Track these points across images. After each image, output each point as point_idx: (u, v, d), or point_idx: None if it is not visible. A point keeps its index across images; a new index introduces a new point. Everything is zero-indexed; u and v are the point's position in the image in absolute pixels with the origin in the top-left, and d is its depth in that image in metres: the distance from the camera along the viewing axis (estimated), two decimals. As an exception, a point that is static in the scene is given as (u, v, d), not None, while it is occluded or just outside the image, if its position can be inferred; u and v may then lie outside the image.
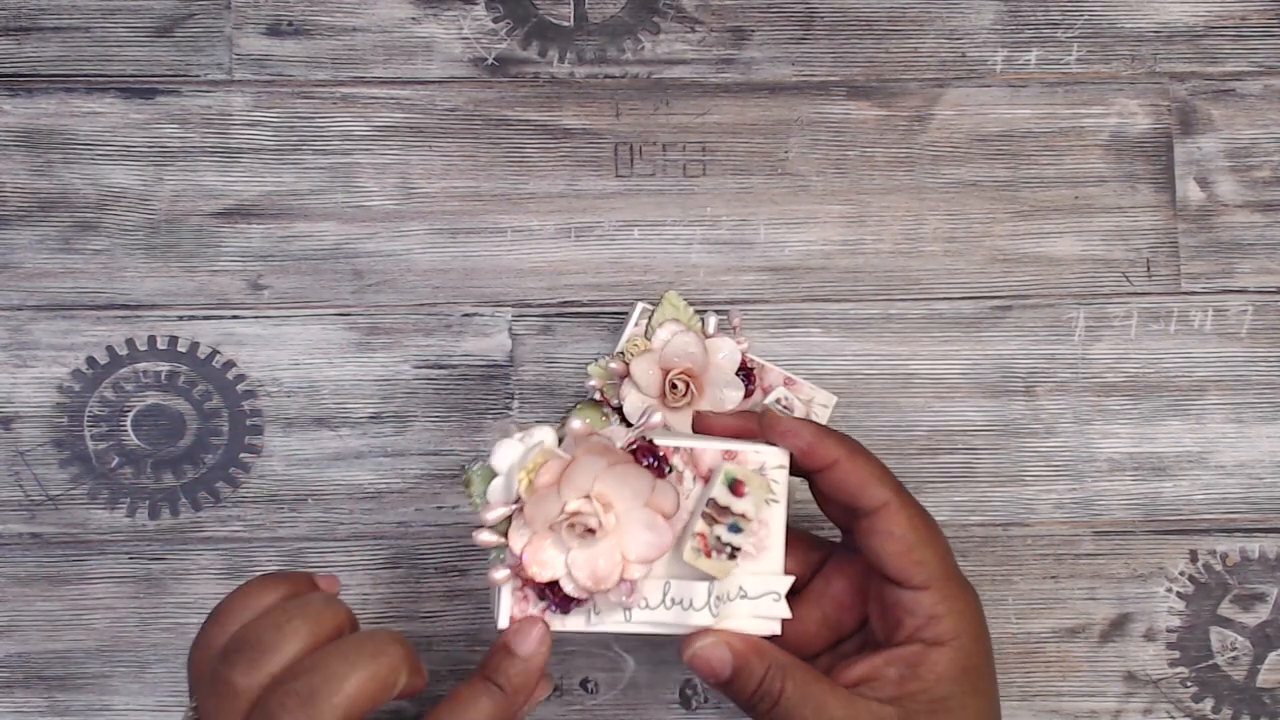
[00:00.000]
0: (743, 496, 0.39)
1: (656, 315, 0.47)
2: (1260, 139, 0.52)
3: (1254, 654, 0.51)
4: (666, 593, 0.39)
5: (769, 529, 0.40)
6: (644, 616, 0.39)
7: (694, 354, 0.46)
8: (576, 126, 0.51)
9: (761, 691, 0.39)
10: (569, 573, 0.38)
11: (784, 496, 0.40)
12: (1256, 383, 0.51)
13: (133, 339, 0.50)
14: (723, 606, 0.39)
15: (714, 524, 0.39)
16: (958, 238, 0.52)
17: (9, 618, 0.49)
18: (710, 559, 0.39)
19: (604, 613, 0.39)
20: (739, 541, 0.39)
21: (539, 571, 0.38)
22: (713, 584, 0.39)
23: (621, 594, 0.38)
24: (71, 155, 0.51)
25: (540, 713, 0.50)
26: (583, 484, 0.38)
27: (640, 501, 0.38)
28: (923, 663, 0.40)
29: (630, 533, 0.38)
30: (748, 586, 0.39)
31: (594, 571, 0.38)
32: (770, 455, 0.40)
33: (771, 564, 0.40)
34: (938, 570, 0.40)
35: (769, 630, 0.40)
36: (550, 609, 0.39)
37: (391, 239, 0.51)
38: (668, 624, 0.39)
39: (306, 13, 0.51)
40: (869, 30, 0.52)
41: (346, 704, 0.35)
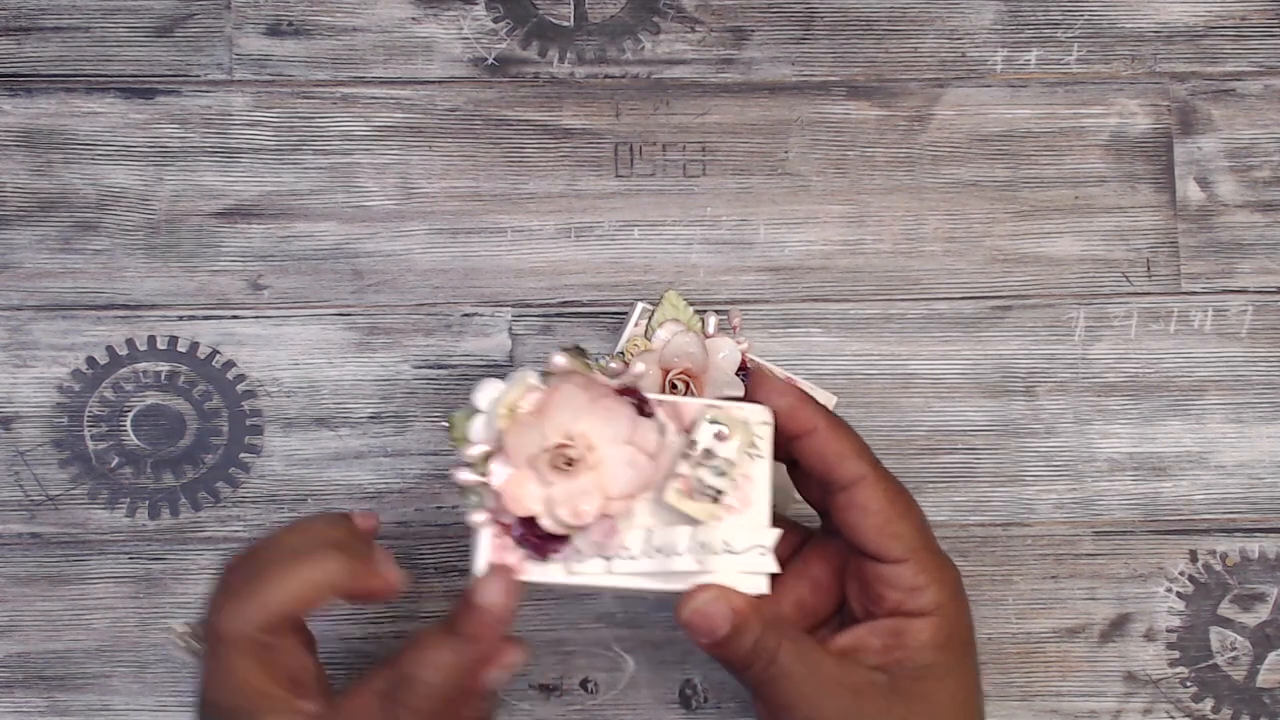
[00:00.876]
0: (725, 441, 0.39)
1: (656, 315, 0.47)
2: (1260, 139, 0.52)
3: (1254, 654, 0.51)
4: (648, 541, 0.39)
5: (754, 483, 0.40)
6: (625, 567, 0.39)
7: (694, 354, 0.46)
8: (576, 126, 0.51)
9: (757, 649, 0.39)
10: (548, 509, 0.38)
11: (769, 453, 0.40)
12: (1256, 383, 0.51)
13: (133, 339, 0.50)
14: (707, 557, 0.39)
15: (697, 467, 0.39)
16: (958, 238, 0.52)
17: (9, 618, 0.49)
18: (693, 501, 0.39)
19: (584, 562, 0.38)
20: (722, 485, 0.39)
21: (517, 504, 0.37)
22: (695, 529, 0.39)
23: (602, 533, 0.38)
24: (71, 155, 0.51)
25: (540, 712, 0.50)
26: (564, 418, 0.38)
27: (622, 439, 0.38)
28: (906, 632, 0.40)
29: (611, 469, 0.38)
30: (733, 541, 0.39)
31: (574, 506, 0.38)
32: (755, 412, 0.40)
33: (757, 518, 0.40)
34: (915, 543, 0.40)
35: (756, 586, 0.39)
36: (529, 556, 0.38)
37: (391, 239, 0.51)
38: (649, 573, 0.39)
39: (306, 13, 0.51)
40: (869, 30, 0.52)
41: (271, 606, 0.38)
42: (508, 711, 0.50)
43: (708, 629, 0.38)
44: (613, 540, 0.38)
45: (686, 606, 0.39)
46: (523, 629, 0.50)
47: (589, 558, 0.39)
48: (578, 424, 0.38)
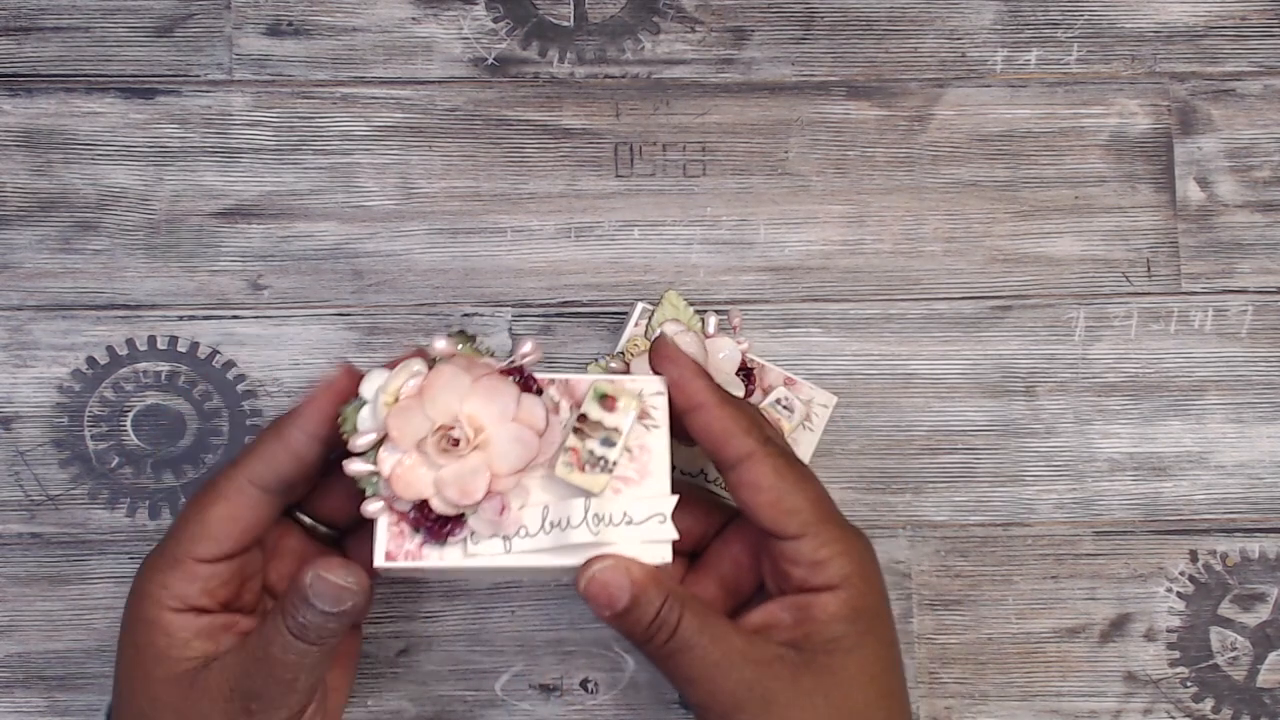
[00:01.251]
0: (614, 411, 0.39)
1: (657, 315, 0.47)
2: (1260, 139, 0.52)
3: (1254, 654, 0.51)
4: (545, 517, 0.39)
5: (651, 454, 0.40)
6: (524, 545, 0.39)
7: (694, 353, 0.46)
8: (576, 126, 0.51)
9: (659, 621, 0.39)
10: (438, 490, 0.38)
11: (664, 422, 0.40)
12: (1256, 383, 0.51)
13: (133, 339, 0.50)
14: (603, 528, 0.38)
15: (585, 438, 0.39)
16: (958, 238, 0.52)
17: (9, 618, 0.49)
18: (583, 472, 0.38)
19: (482, 543, 0.38)
20: (612, 455, 0.38)
21: (407, 488, 0.38)
22: (589, 500, 0.39)
23: (493, 509, 0.38)
24: (71, 155, 0.51)
25: (540, 712, 0.50)
26: (448, 400, 0.38)
27: (508, 417, 0.38)
28: (813, 605, 0.40)
29: (499, 447, 0.38)
30: (632, 511, 0.39)
31: (463, 485, 0.38)
32: (649, 383, 0.40)
33: (656, 488, 0.40)
34: (811, 516, 0.40)
35: (659, 555, 0.39)
36: (427, 541, 0.38)
37: (391, 239, 0.51)
38: (547, 548, 0.39)
39: (306, 13, 0.51)
40: (869, 30, 0.52)
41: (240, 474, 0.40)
42: (508, 711, 0.50)
43: (606, 599, 0.38)
44: (506, 518, 0.38)
45: (584, 576, 0.38)
46: (523, 629, 0.50)
47: (486, 538, 0.38)
48: (464, 405, 0.38)
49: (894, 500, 0.50)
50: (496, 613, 0.50)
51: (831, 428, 0.50)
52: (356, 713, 0.49)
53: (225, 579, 0.40)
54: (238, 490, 0.40)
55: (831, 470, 0.50)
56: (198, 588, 0.40)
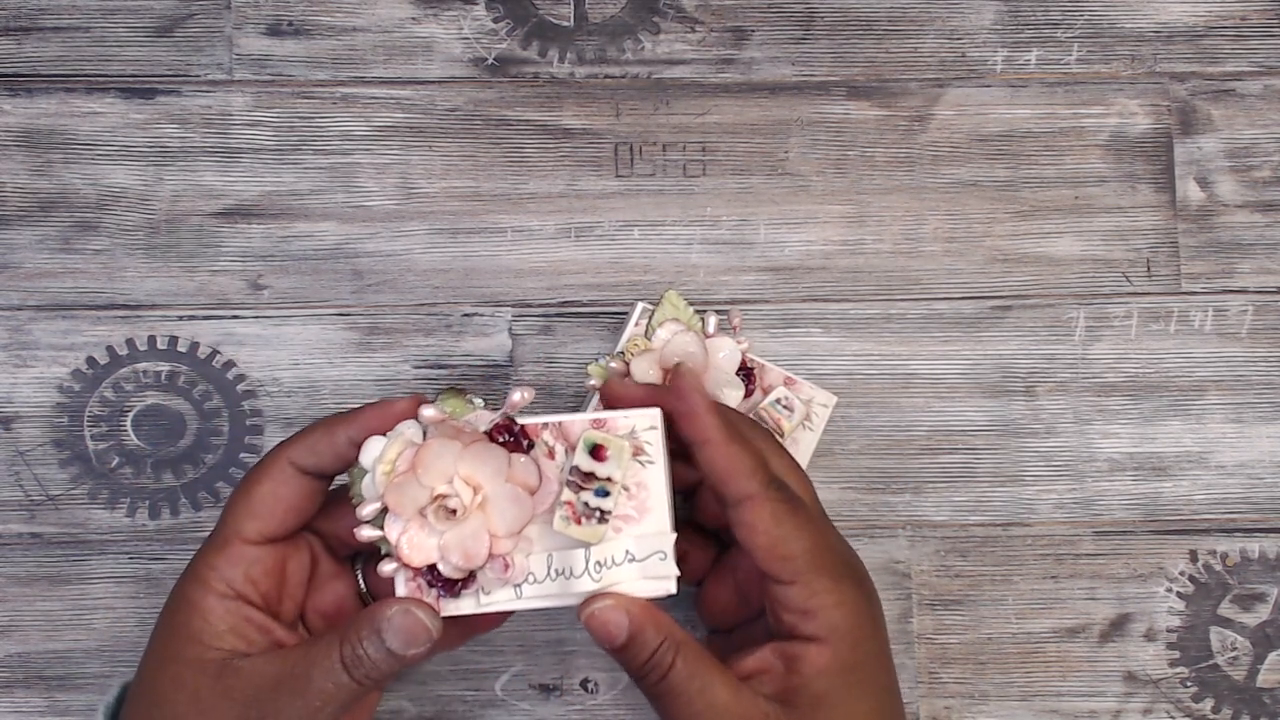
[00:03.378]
0: (605, 461, 0.39)
1: (657, 315, 0.47)
2: (1260, 139, 0.52)
3: (1254, 654, 0.51)
4: (550, 564, 0.39)
5: (649, 490, 0.40)
6: (533, 591, 0.39)
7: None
8: (576, 126, 0.51)
9: (653, 663, 0.39)
10: (443, 555, 0.39)
11: (660, 457, 0.40)
12: (1256, 383, 0.51)
13: (133, 339, 0.50)
14: (605, 571, 0.39)
15: (579, 491, 0.39)
16: (958, 238, 0.52)
17: (9, 618, 0.49)
18: (580, 525, 0.39)
19: (493, 592, 0.39)
20: (607, 505, 0.39)
21: (413, 556, 0.39)
22: (589, 550, 0.39)
23: (497, 569, 0.39)
24: (71, 155, 0.51)
25: (540, 712, 0.50)
26: (441, 467, 0.39)
27: (501, 478, 0.39)
28: (801, 658, 0.39)
29: (495, 508, 0.39)
30: (634, 549, 0.39)
31: (465, 550, 0.39)
32: (640, 419, 0.40)
33: (657, 524, 0.40)
34: (805, 564, 0.39)
35: (662, 589, 0.39)
36: (441, 595, 0.39)
37: (391, 239, 0.51)
38: (554, 595, 0.39)
39: (306, 13, 0.51)
40: (869, 30, 0.52)
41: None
42: (508, 711, 0.50)
43: (605, 635, 0.39)
44: (511, 573, 0.39)
45: (585, 610, 0.39)
46: (523, 629, 0.50)
47: (498, 589, 0.40)
48: (459, 470, 0.39)
49: (894, 500, 0.50)
50: (496, 613, 0.50)
51: (831, 428, 0.50)
52: (356, 713, 0.49)
53: (268, 567, 0.41)
54: (280, 469, 0.41)
55: (831, 470, 0.50)
56: (241, 571, 0.40)
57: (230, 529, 0.40)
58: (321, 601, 0.43)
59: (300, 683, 0.38)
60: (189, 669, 0.39)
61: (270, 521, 0.40)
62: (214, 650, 0.39)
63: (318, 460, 0.40)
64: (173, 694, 0.39)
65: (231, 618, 0.40)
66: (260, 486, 0.40)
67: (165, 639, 0.40)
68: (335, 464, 0.40)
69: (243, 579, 0.40)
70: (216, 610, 0.40)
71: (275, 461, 0.41)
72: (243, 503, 0.41)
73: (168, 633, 0.40)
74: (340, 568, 0.44)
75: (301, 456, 0.40)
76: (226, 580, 0.40)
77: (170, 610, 0.41)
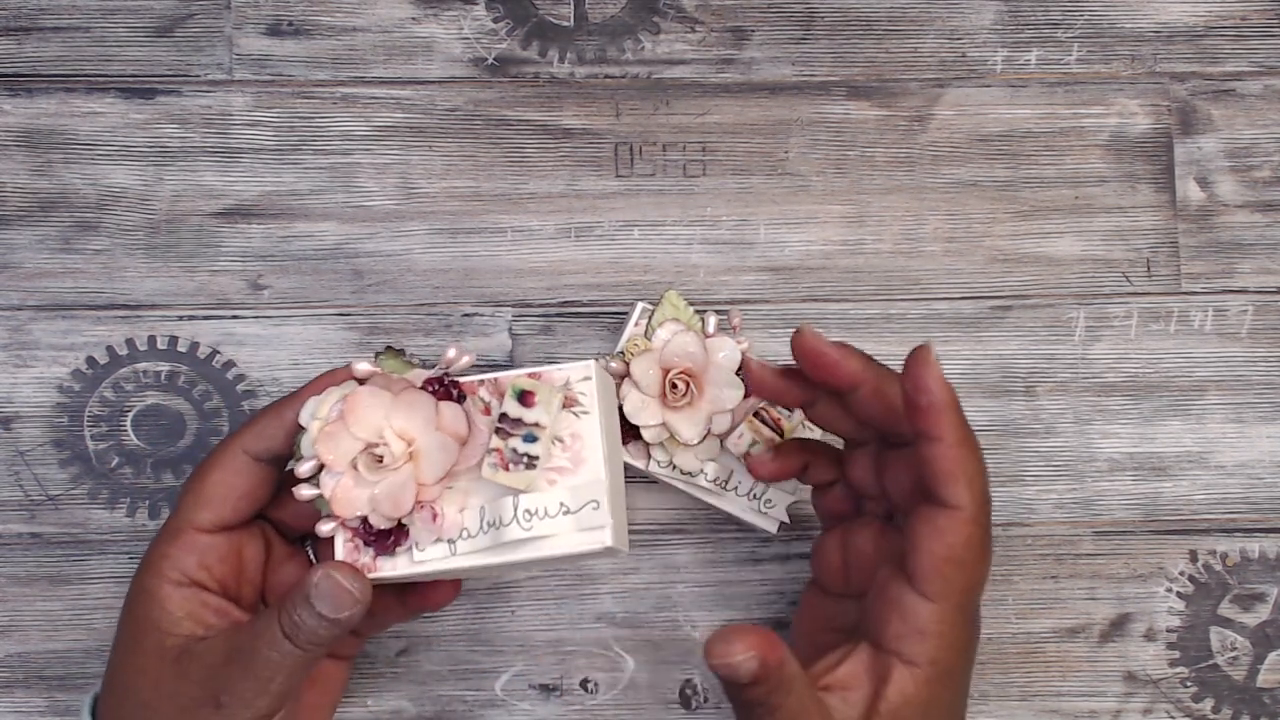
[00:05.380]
0: (533, 407, 0.39)
1: (656, 315, 0.47)
2: (1260, 139, 0.52)
3: (1254, 654, 0.51)
4: (483, 517, 0.40)
5: (583, 441, 0.40)
6: (467, 547, 0.40)
7: (694, 354, 0.46)
8: (576, 126, 0.51)
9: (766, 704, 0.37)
10: (374, 507, 0.39)
11: (595, 408, 0.40)
12: (1256, 383, 0.51)
13: (133, 339, 0.50)
14: (536, 521, 0.39)
15: (507, 437, 0.39)
16: (958, 238, 0.52)
17: (9, 618, 0.49)
18: (508, 471, 0.39)
19: (426, 549, 0.40)
20: (535, 451, 0.39)
21: (343, 507, 0.39)
22: (517, 498, 0.39)
23: (425, 519, 0.39)
24: (71, 155, 0.51)
25: (540, 712, 0.50)
26: (371, 418, 0.39)
27: (431, 426, 0.39)
28: (891, 681, 0.38)
29: (425, 457, 0.39)
30: (568, 501, 0.39)
31: (394, 499, 0.39)
32: (575, 370, 0.40)
33: (591, 475, 0.40)
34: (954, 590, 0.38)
35: (596, 540, 0.39)
36: (379, 555, 0.40)
37: (391, 239, 0.51)
38: (487, 548, 0.39)
39: (306, 13, 0.51)
40: (869, 30, 0.52)
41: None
42: (508, 711, 0.50)
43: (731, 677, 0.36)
44: (442, 524, 0.39)
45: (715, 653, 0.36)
46: (523, 629, 0.50)
47: (430, 545, 0.40)
48: (389, 421, 0.39)
49: (894, 500, 0.50)
50: (496, 613, 0.50)
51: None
52: (356, 712, 0.49)
53: (223, 554, 0.41)
54: (231, 457, 0.41)
55: (831, 470, 0.50)
56: (195, 559, 0.41)
57: (183, 518, 0.41)
58: (279, 584, 0.44)
59: (248, 656, 0.39)
60: (150, 657, 0.40)
61: (223, 510, 0.41)
62: (173, 637, 0.40)
63: (269, 444, 0.41)
64: (136, 682, 0.40)
65: (188, 604, 0.40)
66: (212, 475, 0.41)
67: (127, 629, 0.41)
68: (286, 444, 0.41)
69: (197, 566, 0.41)
70: (173, 598, 0.40)
71: (227, 450, 0.41)
72: (195, 492, 0.41)
73: (129, 623, 0.41)
74: (294, 549, 0.44)
75: (252, 443, 0.41)
76: (181, 569, 0.41)
77: (130, 601, 0.41)
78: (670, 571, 0.50)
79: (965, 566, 0.38)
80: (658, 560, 0.50)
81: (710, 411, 0.46)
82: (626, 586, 0.50)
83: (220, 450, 0.42)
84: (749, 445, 0.46)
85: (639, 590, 0.50)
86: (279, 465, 0.42)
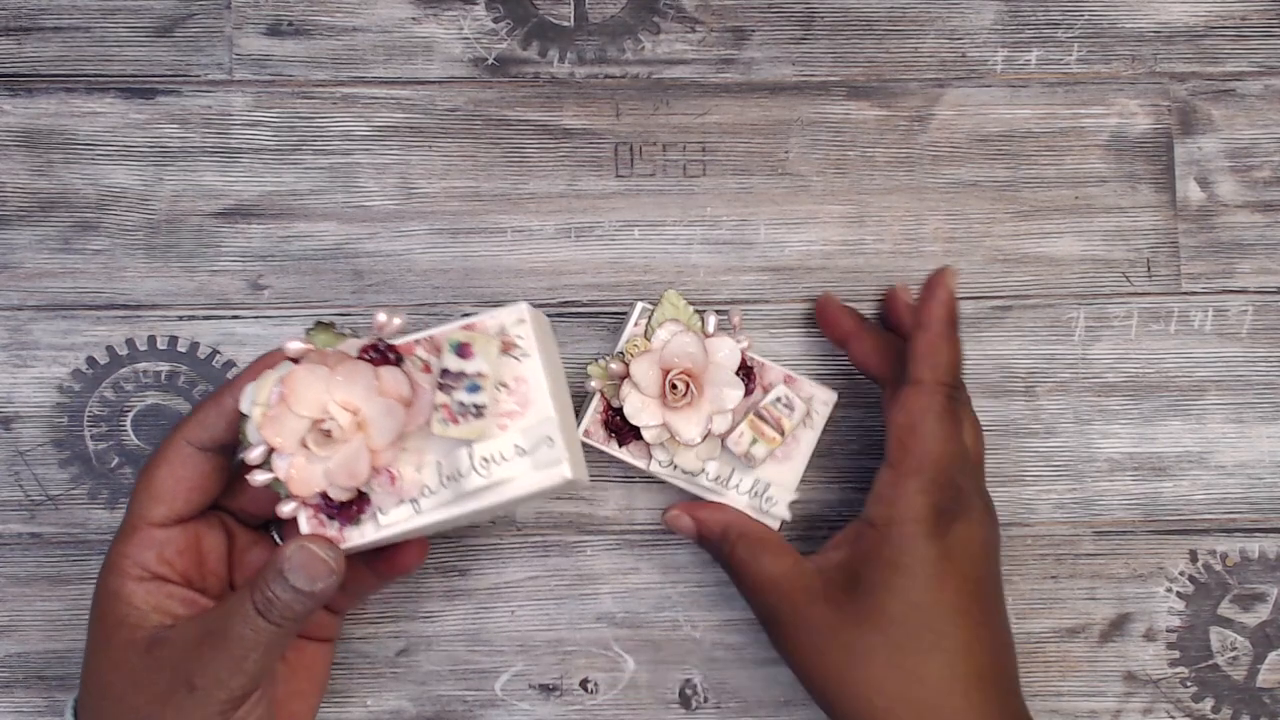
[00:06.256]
0: (471, 357, 0.40)
1: (656, 315, 0.47)
2: (1260, 139, 0.52)
3: (1254, 654, 0.51)
4: (441, 473, 0.40)
5: (528, 383, 0.41)
6: (430, 504, 0.40)
7: (693, 354, 0.46)
8: (576, 126, 0.51)
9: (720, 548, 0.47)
10: (331, 481, 0.40)
11: (534, 349, 0.41)
12: (1256, 383, 0.51)
13: (133, 339, 0.50)
14: (494, 467, 0.40)
15: (451, 391, 0.40)
16: (958, 238, 0.52)
17: (9, 618, 0.49)
18: (458, 424, 0.39)
19: (390, 512, 0.40)
20: (480, 400, 0.39)
21: (301, 486, 0.39)
22: (472, 447, 0.40)
23: (384, 483, 0.40)
24: (71, 155, 0.51)
25: (540, 712, 0.50)
26: (311, 395, 0.39)
27: (374, 393, 0.40)
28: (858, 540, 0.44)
29: (373, 424, 0.40)
30: (522, 442, 0.40)
31: (349, 470, 0.39)
32: (508, 315, 0.41)
33: (541, 414, 0.40)
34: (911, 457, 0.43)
35: (556, 476, 0.40)
36: (342, 526, 0.40)
37: (391, 239, 0.51)
38: (450, 502, 0.40)
39: (306, 13, 0.51)
40: (869, 30, 0.52)
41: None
42: (508, 711, 0.50)
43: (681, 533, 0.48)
44: (401, 485, 0.40)
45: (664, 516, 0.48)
46: (523, 629, 0.50)
47: (393, 508, 0.40)
48: (331, 395, 0.40)
49: (894, 500, 0.50)
50: (496, 613, 0.50)
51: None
52: (356, 712, 0.49)
53: (181, 547, 0.42)
54: (177, 450, 0.42)
55: (831, 470, 0.50)
56: (154, 554, 0.41)
57: (137, 515, 0.42)
58: (248, 568, 0.44)
59: (220, 636, 0.39)
60: (122, 651, 0.40)
61: (175, 503, 0.42)
62: (142, 629, 0.40)
63: (211, 433, 0.41)
64: (111, 678, 0.40)
65: (153, 598, 0.41)
66: (159, 470, 0.42)
67: (97, 630, 0.41)
68: (229, 433, 0.41)
69: (157, 560, 0.41)
70: (137, 594, 0.41)
71: (172, 444, 0.42)
72: (145, 488, 0.42)
73: (97, 624, 0.41)
74: (258, 535, 0.45)
75: (195, 434, 0.42)
76: (141, 564, 0.41)
77: (96, 604, 0.42)
78: (670, 571, 0.50)
79: (921, 436, 0.43)
80: (658, 560, 0.50)
81: (711, 411, 0.46)
82: (626, 586, 0.50)
83: (165, 445, 0.42)
84: (749, 444, 0.46)
85: (639, 590, 0.50)
86: (226, 454, 0.42)
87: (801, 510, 0.50)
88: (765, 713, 0.50)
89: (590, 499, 0.50)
